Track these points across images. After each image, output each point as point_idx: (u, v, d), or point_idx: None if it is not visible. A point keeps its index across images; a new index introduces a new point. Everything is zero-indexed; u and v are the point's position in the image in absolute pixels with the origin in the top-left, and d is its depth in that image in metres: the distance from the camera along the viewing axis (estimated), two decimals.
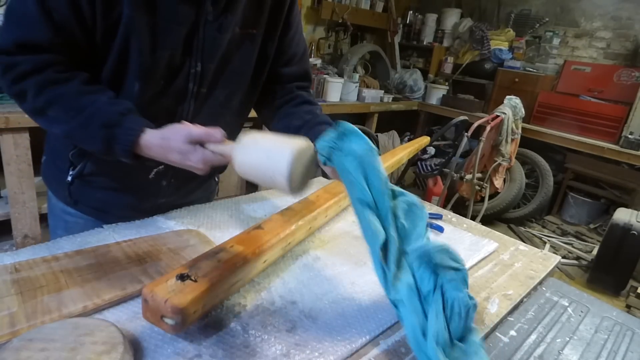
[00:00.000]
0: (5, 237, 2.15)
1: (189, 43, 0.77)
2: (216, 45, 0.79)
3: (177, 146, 0.66)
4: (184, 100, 0.82)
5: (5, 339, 0.52)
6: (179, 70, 0.78)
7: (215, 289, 0.60)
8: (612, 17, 3.62)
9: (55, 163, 0.91)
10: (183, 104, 0.82)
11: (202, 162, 0.66)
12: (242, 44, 0.84)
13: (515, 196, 3.34)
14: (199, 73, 0.80)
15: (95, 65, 0.75)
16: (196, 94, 0.82)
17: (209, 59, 0.80)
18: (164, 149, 0.68)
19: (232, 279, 0.64)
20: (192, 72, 0.79)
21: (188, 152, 0.66)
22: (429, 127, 4.40)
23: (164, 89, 0.79)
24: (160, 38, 0.73)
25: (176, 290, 0.55)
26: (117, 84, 0.76)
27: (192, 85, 0.81)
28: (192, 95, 0.82)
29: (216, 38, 0.79)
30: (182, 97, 0.82)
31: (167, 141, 0.67)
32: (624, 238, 2.53)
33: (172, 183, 0.93)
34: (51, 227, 1.00)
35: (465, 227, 1.06)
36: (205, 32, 0.77)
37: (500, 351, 0.65)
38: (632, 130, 3.17)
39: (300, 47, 0.96)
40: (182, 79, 0.79)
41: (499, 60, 3.97)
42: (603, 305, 0.81)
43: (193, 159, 0.66)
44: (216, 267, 0.62)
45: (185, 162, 0.67)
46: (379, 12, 4.20)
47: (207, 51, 0.79)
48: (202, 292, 0.57)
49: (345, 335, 0.62)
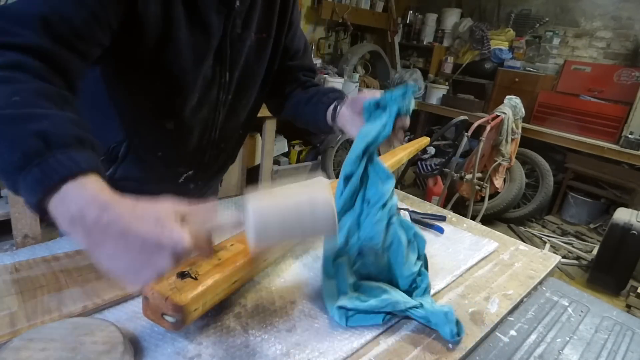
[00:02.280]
0: (5, 237, 2.15)
1: (219, 55, 0.79)
2: (240, 54, 0.83)
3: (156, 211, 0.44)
4: (216, 110, 0.86)
5: (5, 338, 0.52)
6: (212, 82, 0.81)
7: (216, 287, 0.60)
8: (612, 17, 3.62)
9: None
10: (215, 114, 0.86)
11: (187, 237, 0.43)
12: (258, 49, 0.87)
13: (516, 196, 3.34)
14: (227, 82, 0.83)
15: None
16: (224, 102, 0.86)
17: (234, 67, 0.83)
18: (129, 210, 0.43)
19: (232, 277, 0.64)
20: (222, 82, 0.83)
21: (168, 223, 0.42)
22: (429, 127, 4.40)
23: (200, 101, 0.81)
24: (197, 53, 0.75)
25: (177, 288, 0.55)
26: (158, 103, 0.76)
27: (222, 94, 0.84)
28: (222, 104, 0.86)
29: (240, 47, 0.82)
30: (213, 107, 0.85)
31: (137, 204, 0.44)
32: (624, 238, 2.53)
33: (198, 185, 0.97)
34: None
35: (465, 227, 1.06)
36: (232, 42, 0.80)
37: (500, 351, 0.65)
38: (632, 130, 3.17)
39: (302, 43, 0.99)
40: (214, 90, 0.83)
41: (499, 60, 3.97)
42: (603, 305, 0.81)
43: (175, 232, 0.42)
44: (216, 265, 0.62)
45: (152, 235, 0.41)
46: (379, 12, 4.20)
47: (233, 60, 0.82)
48: (202, 290, 0.57)
49: (345, 335, 0.62)
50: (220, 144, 0.93)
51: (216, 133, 0.90)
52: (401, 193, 1.26)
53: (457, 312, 0.71)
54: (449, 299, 0.75)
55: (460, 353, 0.61)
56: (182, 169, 0.79)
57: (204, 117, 0.85)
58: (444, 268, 0.83)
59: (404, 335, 0.64)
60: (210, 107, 0.84)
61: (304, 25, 3.82)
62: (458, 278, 0.82)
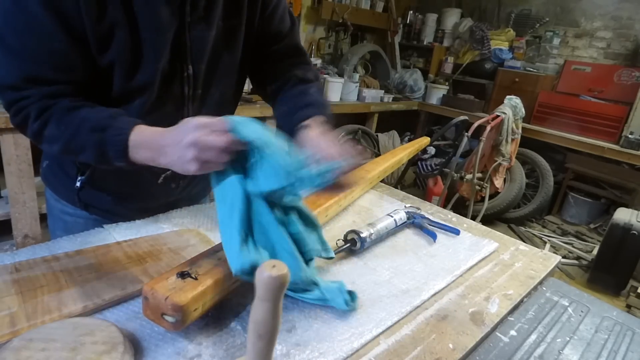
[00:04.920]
0: (5, 237, 2.15)
1: (177, 48, 0.75)
2: (204, 45, 0.79)
3: (178, 129, 0.60)
4: (183, 105, 0.82)
5: (6, 338, 0.52)
6: (173, 77, 0.78)
7: (216, 287, 0.60)
8: (613, 17, 3.62)
9: (61, 168, 0.90)
10: (182, 109, 0.83)
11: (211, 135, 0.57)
12: (228, 36, 0.83)
13: (516, 196, 3.34)
14: (192, 76, 0.80)
15: (101, 92, 0.74)
16: (192, 96, 0.82)
17: (198, 59, 0.79)
18: (161, 135, 0.62)
19: (232, 277, 0.64)
20: (184, 75, 0.79)
21: (193, 129, 0.57)
22: (429, 127, 4.40)
23: (162, 97, 0.78)
24: (148, 50, 0.72)
25: (177, 288, 0.55)
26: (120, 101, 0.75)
27: (188, 89, 0.81)
28: (189, 99, 0.82)
29: (203, 37, 0.78)
30: (180, 102, 0.82)
31: (162, 130, 0.63)
32: (624, 238, 2.53)
33: (180, 184, 0.94)
34: (50, 227, 1.00)
35: (466, 227, 1.06)
36: (191, 33, 0.76)
37: (501, 351, 0.65)
38: (632, 130, 3.17)
39: (285, 24, 0.93)
40: (177, 85, 0.79)
41: (499, 60, 3.96)
42: (603, 305, 0.81)
43: (199, 133, 0.57)
44: (216, 265, 0.62)
45: (188, 137, 0.57)
46: (379, 12, 4.20)
47: (196, 52, 0.78)
48: (202, 290, 0.57)
49: (346, 335, 0.62)
50: None
51: None
52: (401, 193, 1.26)
53: (457, 312, 0.71)
54: (449, 299, 0.75)
55: (461, 353, 0.61)
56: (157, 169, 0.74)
57: (170, 112, 0.81)
58: (444, 268, 0.83)
59: (404, 335, 0.64)
60: (175, 102, 0.81)
61: (304, 26, 3.82)
62: (458, 278, 0.81)
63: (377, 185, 1.29)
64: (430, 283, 0.78)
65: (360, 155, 0.68)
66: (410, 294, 0.74)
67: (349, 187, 0.68)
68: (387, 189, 1.27)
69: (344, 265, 0.81)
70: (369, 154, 3.09)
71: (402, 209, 1.00)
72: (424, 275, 0.80)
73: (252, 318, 0.44)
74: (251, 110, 2.63)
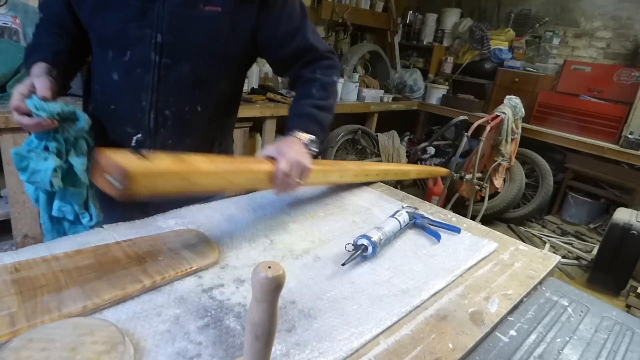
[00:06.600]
0: (5, 237, 2.15)
1: (144, 15, 0.86)
2: (176, 19, 0.88)
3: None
4: (149, 69, 0.90)
5: (5, 338, 0.52)
6: (139, 40, 0.88)
7: (168, 174, 0.64)
8: (612, 16, 3.62)
9: None
10: (149, 74, 0.91)
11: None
12: (208, 21, 0.90)
13: (515, 196, 3.34)
14: (160, 44, 0.88)
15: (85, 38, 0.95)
16: (159, 64, 0.90)
17: (169, 31, 0.88)
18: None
19: (190, 175, 0.68)
20: (152, 42, 0.88)
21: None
22: (428, 127, 4.41)
23: (131, 58, 0.90)
24: (114, 11, 0.86)
25: (127, 158, 0.59)
26: (99, 54, 0.93)
27: (154, 55, 0.89)
28: (155, 65, 0.90)
29: (176, 12, 0.87)
30: (147, 67, 0.90)
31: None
32: (624, 238, 2.53)
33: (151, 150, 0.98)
34: None
35: (465, 227, 1.06)
36: (165, 6, 0.87)
37: (500, 351, 0.65)
38: (632, 130, 3.17)
39: (292, 24, 0.98)
40: (143, 49, 0.89)
41: (499, 60, 3.97)
42: (603, 305, 0.81)
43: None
44: (177, 160, 0.67)
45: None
46: (379, 12, 4.20)
47: (167, 24, 0.87)
48: (149, 165, 0.61)
49: (345, 335, 0.62)
50: (163, 109, 0.94)
51: (154, 95, 0.92)
52: (401, 193, 1.26)
53: (456, 312, 0.71)
54: (448, 299, 0.75)
55: (460, 353, 0.61)
56: (130, 129, 0.89)
57: (140, 75, 0.91)
58: (444, 268, 0.84)
59: (404, 335, 0.64)
60: (144, 66, 0.90)
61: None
62: (458, 278, 0.82)
63: (377, 185, 1.29)
64: (430, 283, 0.78)
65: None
66: (410, 294, 0.74)
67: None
68: (387, 189, 1.27)
69: (344, 266, 0.81)
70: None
71: (400, 208, 1.00)
72: (423, 275, 0.81)
73: (248, 319, 0.44)
74: (251, 110, 2.64)
